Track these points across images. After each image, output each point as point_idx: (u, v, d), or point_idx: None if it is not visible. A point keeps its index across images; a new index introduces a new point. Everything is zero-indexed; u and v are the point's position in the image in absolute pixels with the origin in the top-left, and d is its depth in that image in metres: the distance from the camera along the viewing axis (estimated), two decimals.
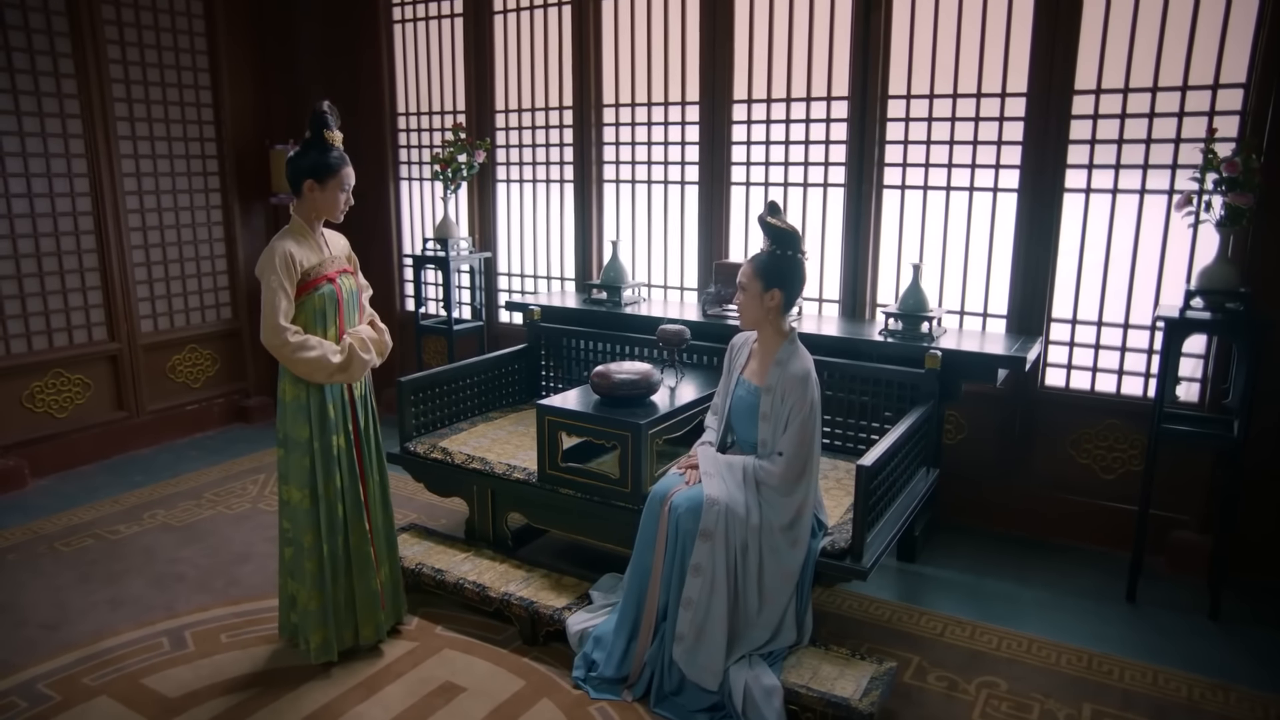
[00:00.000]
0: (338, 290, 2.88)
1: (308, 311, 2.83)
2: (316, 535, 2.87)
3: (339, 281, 2.89)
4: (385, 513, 3.08)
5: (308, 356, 2.76)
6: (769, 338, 2.85)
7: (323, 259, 2.86)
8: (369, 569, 2.97)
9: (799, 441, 2.70)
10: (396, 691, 2.81)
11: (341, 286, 2.89)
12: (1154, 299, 3.67)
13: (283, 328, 2.74)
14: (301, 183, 2.82)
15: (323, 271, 2.84)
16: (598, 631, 2.90)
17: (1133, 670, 2.95)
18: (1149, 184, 3.61)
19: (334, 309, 2.87)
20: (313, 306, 2.83)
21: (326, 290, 2.85)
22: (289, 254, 2.77)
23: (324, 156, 2.81)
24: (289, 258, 2.76)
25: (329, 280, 2.86)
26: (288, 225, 2.89)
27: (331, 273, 2.87)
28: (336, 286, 2.87)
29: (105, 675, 2.89)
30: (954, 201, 4.01)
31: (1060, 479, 3.93)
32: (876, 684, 2.64)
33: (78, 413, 4.90)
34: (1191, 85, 3.45)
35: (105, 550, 3.83)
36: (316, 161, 2.80)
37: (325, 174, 2.81)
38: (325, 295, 2.85)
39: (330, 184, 2.82)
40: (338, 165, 2.82)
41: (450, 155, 4.98)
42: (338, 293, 2.88)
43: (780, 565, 2.70)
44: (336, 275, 2.89)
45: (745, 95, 4.40)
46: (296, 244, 2.82)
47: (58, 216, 4.74)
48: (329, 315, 2.87)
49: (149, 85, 5.09)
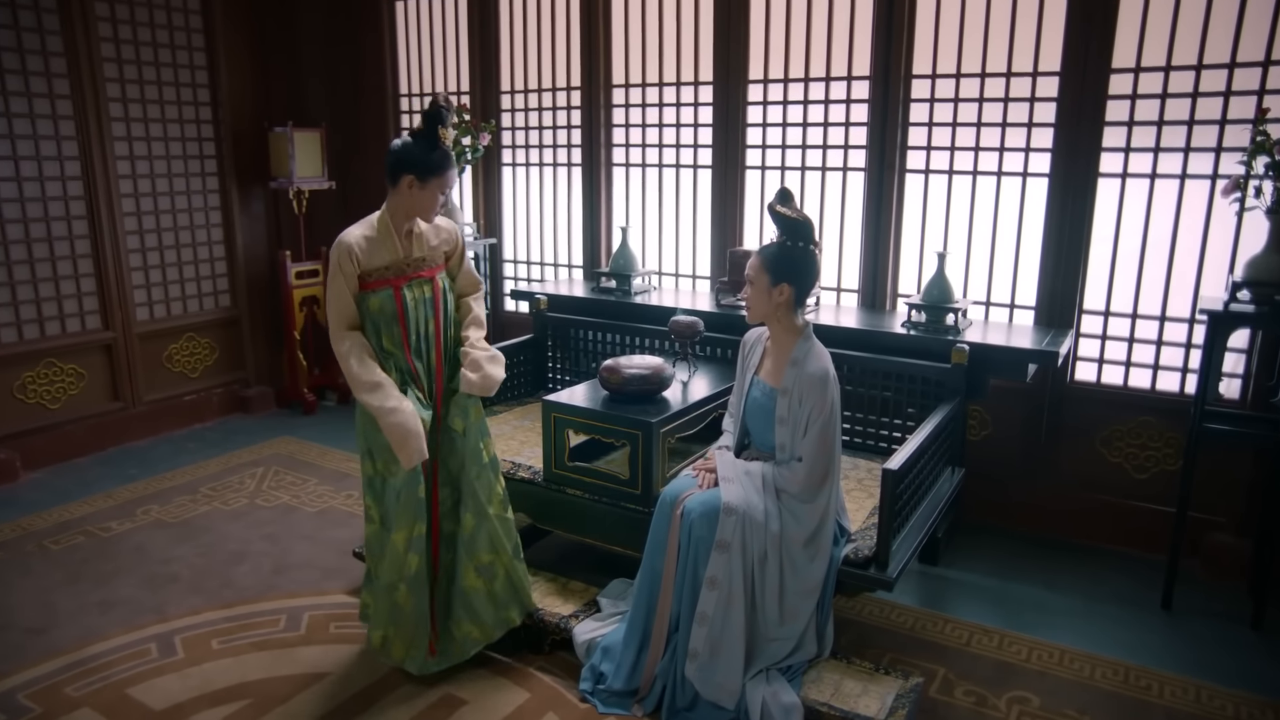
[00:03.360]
0: (398, 300, 2.62)
1: (361, 315, 2.64)
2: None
3: (405, 291, 2.63)
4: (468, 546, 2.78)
5: (359, 393, 2.57)
6: (781, 335, 2.68)
7: (396, 260, 2.63)
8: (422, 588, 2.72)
9: (819, 447, 2.53)
10: (394, 704, 2.67)
11: (406, 296, 2.63)
12: (1193, 291, 3.48)
13: (340, 337, 2.59)
14: (401, 176, 2.59)
15: (388, 275, 2.61)
16: (606, 641, 2.75)
17: (1173, 685, 2.79)
18: (1190, 168, 3.41)
19: (391, 322, 2.63)
20: (366, 310, 2.63)
21: (384, 296, 2.61)
22: (352, 249, 2.57)
23: (431, 154, 2.59)
24: (351, 253, 2.57)
25: (391, 286, 2.62)
26: (376, 212, 2.68)
27: (398, 279, 2.62)
28: (399, 296, 2.62)
29: (89, 684, 2.75)
30: (981, 186, 3.82)
31: (1090, 478, 3.76)
32: (902, 702, 2.48)
33: (71, 403, 4.76)
34: (1240, 62, 3.24)
35: (96, 548, 3.69)
36: (423, 158, 2.57)
37: (429, 173, 2.58)
38: (381, 301, 2.61)
39: (432, 184, 2.60)
40: (444, 166, 2.60)
41: (454, 138, 4.81)
42: (398, 303, 2.62)
43: (800, 580, 2.54)
44: (405, 281, 2.63)
45: (761, 75, 4.21)
46: (367, 238, 2.60)
47: (48, 201, 4.58)
48: (381, 326, 2.63)
49: (142, 65, 4.91)
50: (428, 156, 2.58)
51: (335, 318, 2.61)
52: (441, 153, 2.61)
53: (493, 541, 2.80)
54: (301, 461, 4.71)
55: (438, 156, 2.59)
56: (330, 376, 5.74)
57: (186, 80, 5.15)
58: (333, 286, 2.59)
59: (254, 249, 5.58)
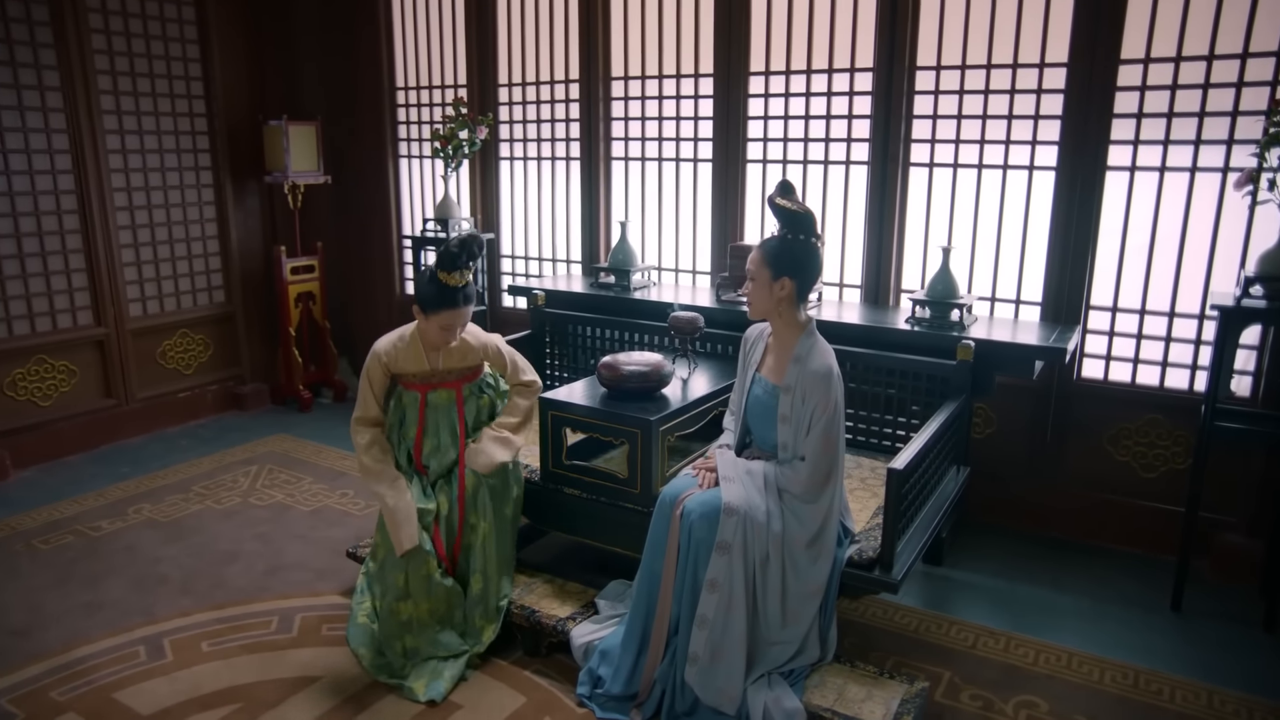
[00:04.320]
0: (421, 401, 2.87)
1: (391, 407, 2.93)
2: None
3: (429, 399, 2.87)
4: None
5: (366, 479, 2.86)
6: (784, 330, 2.61)
7: (420, 371, 2.87)
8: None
9: (823, 446, 2.46)
10: (386, 709, 2.60)
11: (430, 401, 2.87)
12: (1203, 286, 3.41)
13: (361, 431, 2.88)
14: (414, 303, 2.83)
15: (413, 381, 2.87)
16: (604, 645, 2.68)
17: (1185, 690, 2.72)
18: (1201, 161, 3.33)
19: (412, 418, 2.89)
20: (396, 402, 2.91)
21: (408, 398, 2.89)
22: (380, 357, 2.86)
23: (430, 289, 2.75)
24: (379, 360, 2.86)
25: (418, 391, 2.87)
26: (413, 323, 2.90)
27: (422, 385, 2.87)
28: (422, 399, 2.87)
29: (75, 689, 2.69)
30: (986, 180, 3.75)
31: (1096, 477, 3.69)
32: (908, 707, 2.42)
33: (62, 400, 4.70)
34: (1253, 52, 3.17)
35: (86, 548, 3.63)
36: (424, 292, 2.78)
37: (427, 307, 2.78)
38: (406, 401, 2.89)
39: (433, 318, 2.78)
40: (440, 305, 2.75)
41: (451, 132, 4.74)
42: (420, 403, 2.87)
43: (803, 583, 2.47)
44: (429, 389, 2.87)
45: (763, 67, 4.13)
46: (397, 347, 2.86)
47: (38, 195, 4.51)
48: (407, 420, 2.90)
49: (134, 56, 4.84)
50: (429, 291, 2.75)
51: (359, 412, 2.89)
52: (443, 292, 2.73)
53: (483, 610, 2.87)
54: (296, 459, 4.64)
55: (436, 294, 2.74)
56: (325, 373, 5.68)
57: (179, 72, 5.07)
58: (362, 386, 2.88)
59: (248, 244, 5.51)
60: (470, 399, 2.96)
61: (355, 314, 5.90)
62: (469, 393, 2.96)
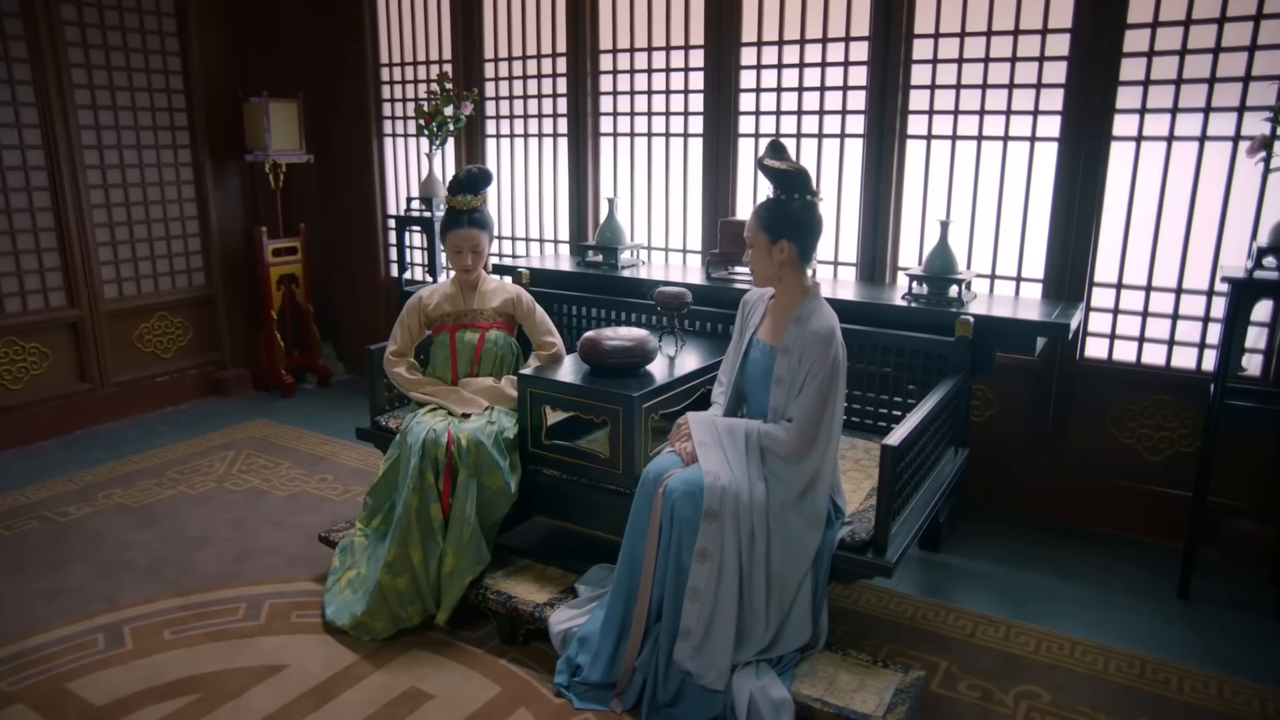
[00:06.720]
0: (451, 342, 3.12)
1: (431, 351, 3.21)
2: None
3: (457, 336, 3.11)
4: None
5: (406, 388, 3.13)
6: (786, 296, 2.49)
7: (454, 311, 3.13)
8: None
9: (812, 405, 2.33)
10: (354, 699, 2.47)
11: (459, 340, 3.11)
12: (1212, 261, 3.27)
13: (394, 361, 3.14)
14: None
15: (445, 323, 3.14)
16: (583, 631, 2.55)
17: (1193, 679, 2.59)
18: (1211, 129, 3.19)
19: (444, 357, 3.14)
20: (434, 347, 3.18)
21: (439, 339, 3.16)
22: (420, 298, 3.15)
23: (445, 216, 3.11)
24: (417, 301, 3.15)
25: (448, 331, 3.13)
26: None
27: (452, 325, 3.13)
28: (451, 340, 3.11)
29: (26, 678, 2.55)
30: (986, 152, 3.60)
31: (1100, 460, 3.56)
32: (902, 697, 2.29)
33: (34, 384, 4.55)
34: (1266, 14, 3.02)
35: (50, 534, 3.49)
36: (442, 222, 3.12)
37: (444, 232, 3.10)
38: (438, 343, 3.17)
39: (448, 243, 3.09)
40: (446, 227, 3.08)
41: (436, 108, 4.59)
42: (450, 345, 3.12)
43: (790, 544, 2.34)
44: (458, 329, 3.12)
45: (755, 37, 3.99)
46: (434, 290, 3.17)
47: (6, 171, 4.36)
48: (440, 361, 3.17)
49: (107, 29, 4.69)
50: (444, 218, 3.12)
51: (393, 347, 3.14)
52: (451, 214, 3.07)
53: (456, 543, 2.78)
54: (275, 445, 4.50)
55: (446, 217, 3.10)
56: (309, 358, 5.53)
57: (155, 47, 4.92)
58: (398, 326, 3.15)
59: (229, 224, 5.36)
60: (490, 347, 3.13)
61: (339, 296, 5.76)
62: (492, 340, 3.13)
